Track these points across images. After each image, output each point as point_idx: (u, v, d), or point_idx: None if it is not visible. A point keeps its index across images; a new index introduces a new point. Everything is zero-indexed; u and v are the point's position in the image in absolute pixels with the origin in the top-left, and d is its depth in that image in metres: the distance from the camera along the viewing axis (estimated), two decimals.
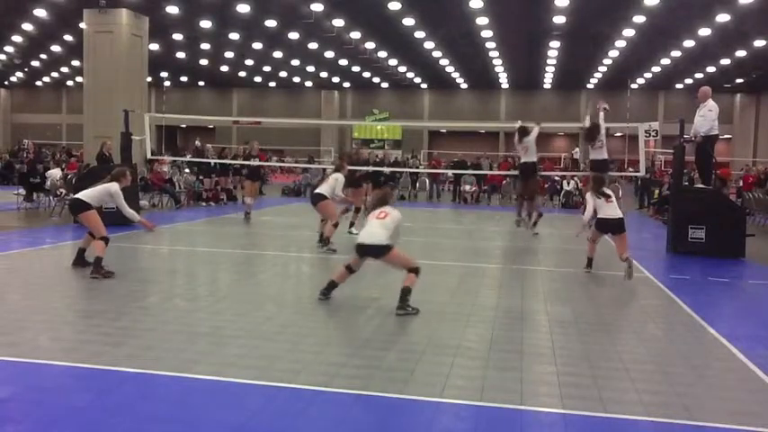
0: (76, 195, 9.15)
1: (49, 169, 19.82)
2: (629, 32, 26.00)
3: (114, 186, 8.91)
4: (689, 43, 27.60)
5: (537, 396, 4.76)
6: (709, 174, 13.07)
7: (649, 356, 5.91)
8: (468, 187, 24.65)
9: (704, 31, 25.31)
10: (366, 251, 7.29)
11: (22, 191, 18.17)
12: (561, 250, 13.05)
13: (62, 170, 19.55)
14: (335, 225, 11.47)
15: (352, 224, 13.66)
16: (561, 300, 8.24)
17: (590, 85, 42.32)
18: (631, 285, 9.21)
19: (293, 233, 14.54)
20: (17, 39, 31.66)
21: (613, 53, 30.64)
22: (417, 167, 30.41)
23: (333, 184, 11.59)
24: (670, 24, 24.45)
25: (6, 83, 48.19)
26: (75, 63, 35.29)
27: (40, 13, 25.82)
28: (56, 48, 33.98)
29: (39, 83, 48.11)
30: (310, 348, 5.73)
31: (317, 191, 11.65)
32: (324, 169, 26.50)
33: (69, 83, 46.40)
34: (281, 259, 10.98)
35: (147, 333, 6.11)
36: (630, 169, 21.41)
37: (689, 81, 37.44)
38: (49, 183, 17.57)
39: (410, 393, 4.69)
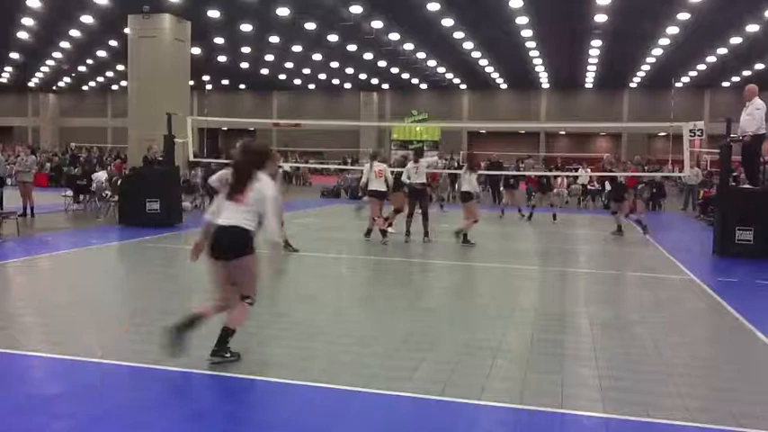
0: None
1: (95, 172, 20.29)
2: (673, 30, 25.48)
3: None
4: (736, 40, 26.91)
5: (578, 399, 4.70)
6: (756, 174, 12.75)
7: (694, 360, 5.78)
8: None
9: (752, 27, 24.65)
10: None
11: (69, 193, 18.68)
12: (602, 252, 12.87)
13: (107, 172, 19.98)
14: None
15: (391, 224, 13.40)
16: (602, 302, 8.13)
17: (633, 84, 41.59)
18: (675, 288, 9.03)
19: (338, 235, 14.61)
20: (65, 45, 32.49)
21: (657, 51, 30.04)
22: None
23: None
24: (716, 21, 23.87)
25: (54, 88, 49.51)
26: (120, 68, 36.02)
27: (87, 19, 26.44)
28: (101, 53, 34.77)
29: (85, 87, 49.29)
30: (351, 349, 5.75)
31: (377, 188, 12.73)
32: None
33: (114, 87, 47.49)
34: (335, 261, 11.05)
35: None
36: (674, 169, 21.00)
37: (736, 79, 36.49)
38: (94, 185, 18.00)
39: (449, 395, 4.67)
